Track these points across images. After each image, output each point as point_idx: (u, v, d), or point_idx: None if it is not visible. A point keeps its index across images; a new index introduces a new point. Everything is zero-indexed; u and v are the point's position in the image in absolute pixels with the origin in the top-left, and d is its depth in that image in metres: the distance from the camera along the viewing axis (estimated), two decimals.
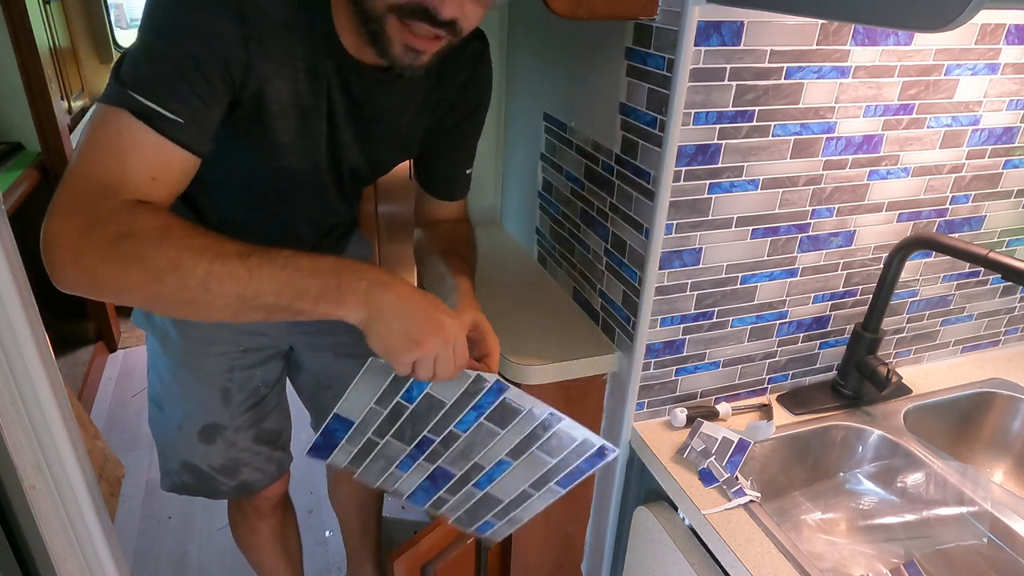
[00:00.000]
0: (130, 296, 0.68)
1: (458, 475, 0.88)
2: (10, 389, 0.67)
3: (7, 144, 2.34)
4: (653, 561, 1.06)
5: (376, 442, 0.84)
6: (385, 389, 0.79)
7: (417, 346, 0.70)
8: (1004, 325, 1.35)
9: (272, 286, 0.67)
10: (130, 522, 1.97)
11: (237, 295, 0.66)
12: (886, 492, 1.13)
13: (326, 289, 0.68)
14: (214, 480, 1.19)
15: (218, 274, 0.65)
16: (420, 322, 0.70)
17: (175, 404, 1.14)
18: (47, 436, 0.70)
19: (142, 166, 0.69)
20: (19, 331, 0.66)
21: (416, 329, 0.70)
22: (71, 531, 0.75)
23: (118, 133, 0.68)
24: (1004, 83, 1.06)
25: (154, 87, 0.68)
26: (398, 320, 0.69)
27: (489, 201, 1.67)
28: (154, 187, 0.70)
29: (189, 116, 0.70)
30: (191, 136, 0.71)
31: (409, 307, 0.70)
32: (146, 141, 0.69)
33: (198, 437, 1.14)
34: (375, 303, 0.69)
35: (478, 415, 0.81)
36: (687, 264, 1.02)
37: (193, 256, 0.65)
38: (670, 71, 0.90)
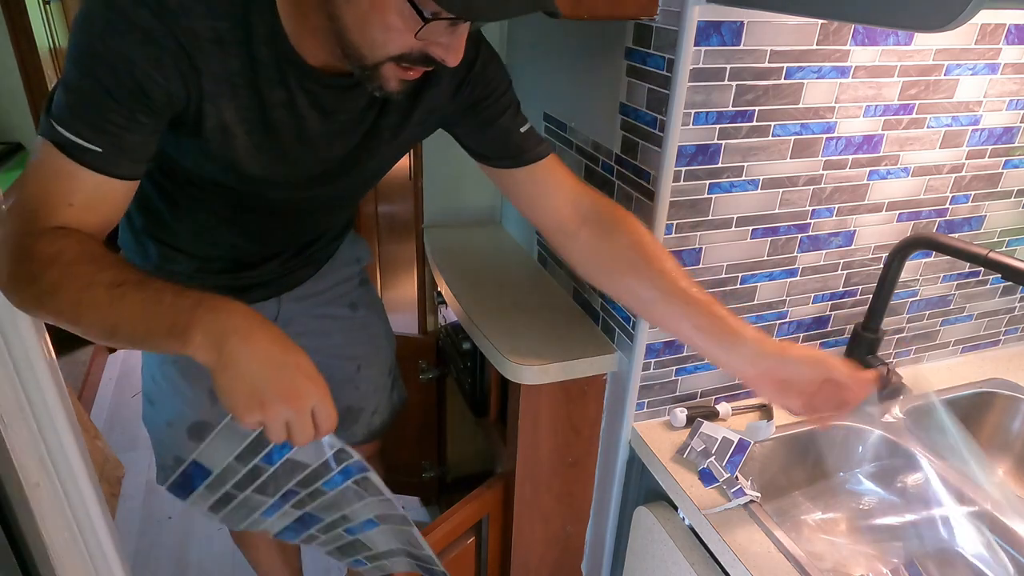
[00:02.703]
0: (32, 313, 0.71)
1: (327, 520, 0.85)
2: (14, 388, 0.67)
3: (7, 144, 2.34)
4: (653, 561, 1.06)
5: (235, 495, 0.80)
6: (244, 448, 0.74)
7: (261, 408, 0.64)
8: (1004, 325, 1.35)
9: (127, 319, 0.66)
10: (130, 522, 1.97)
11: (101, 325, 0.67)
12: (886, 492, 1.13)
13: (174, 326, 0.64)
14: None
15: (85, 303, 0.66)
16: (270, 384, 0.64)
17: (165, 401, 1.14)
18: (51, 434, 0.70)
19: (60, 194, 0.70)
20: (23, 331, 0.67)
21: (263, 390, 0.64)
22: (75, 528, 0.75)
23: (41, 164, 0.71)
24: (1004, 83, 1.06)
25: (70, 118, 0.70)
26: (246, 377, 0.64)
27: (489, 201, 1.67)
28: (74, 212, 0.71)
29: (107, 143, 0.71)
30: (111, 163, 0.71)
31: (263, 365, 0.64)
32: (65, 170, 0.70)
33: (187, 435, 1.13)
34: (226, 352, 0.64)
35: (345, 479, 0.78)
36: (687, 264, 1.02)
37: (69, 283, 0.66)
38: (670, 71, 0.90)
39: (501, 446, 1.30)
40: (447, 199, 1.63)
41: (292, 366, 0.67)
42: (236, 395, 0.64)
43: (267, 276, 1.10)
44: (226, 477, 0.77)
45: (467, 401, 1.47)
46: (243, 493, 0.80)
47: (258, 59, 0.77)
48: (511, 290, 1.35)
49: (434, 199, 1.61)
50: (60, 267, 0.67)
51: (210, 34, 0.74)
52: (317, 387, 0.67)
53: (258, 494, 0.80)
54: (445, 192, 1.62)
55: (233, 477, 0.77)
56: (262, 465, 0.76)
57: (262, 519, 0.85)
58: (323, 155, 0.89)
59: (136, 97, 0.72)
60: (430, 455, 1.86)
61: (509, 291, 1.35)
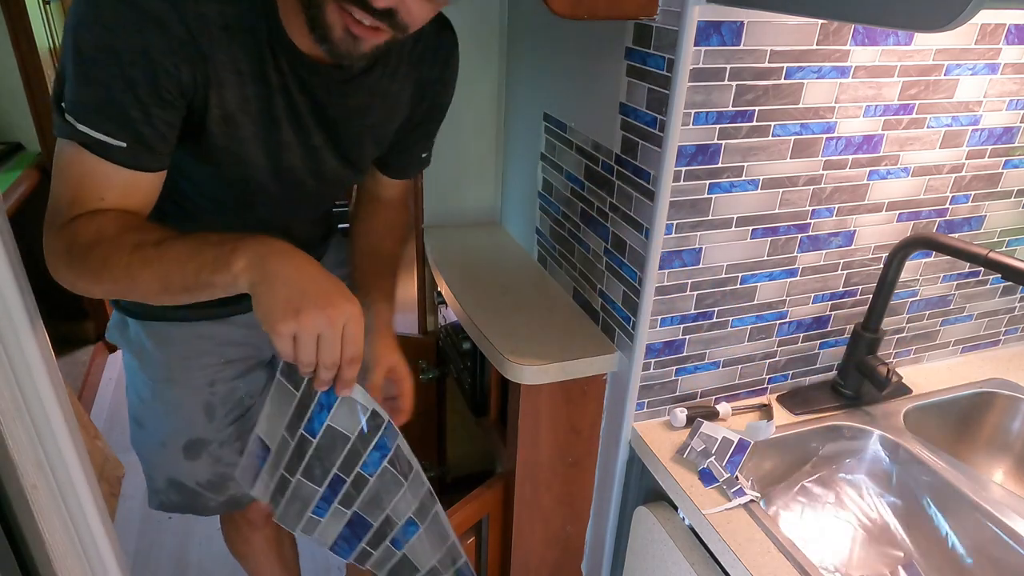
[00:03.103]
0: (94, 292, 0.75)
1: (375, 525, 0.88)
2: (11, 388, 0.67)
3: (7, 144, 2.34)
4: (653, 561, 1.06)
5: (289, 480, 0.85)
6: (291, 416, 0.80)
7: (296, 315, 0.65)
8: (1004, 325, 1.35)
9: (178, 264, 0.69)
10: (130, 522, 1.97)
11: (154, 280, 0.70)
12: (886, 492, 1.13)
13: (219, 255, 0.67)
14: (201, 496, 1.15)
15: (136, 264, 0.70)
16: (307, 292, 0.66)
17: (157, 421, 1.10)
18: (48, 435, 0.70)
19: (92, 190, 0.73)
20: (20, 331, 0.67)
21: (299, 298, 0.65)
22: (72, 529, 0.75)
23: (69, 164, 0.72)
24: (1004, 83, 1.06)
25: (91, 114, 0.70)
26: (284, 288, 0.66)
27: (489, 201, 1.67)
28: (107, 207, 0.73)
29: (131, 138, 0.72)
30: (135, 157, 0.73)
31: (301, 278, 0.67)
32: (93, 168, 0.72)
33: (183, 454, 1.10)
34: (267, 269, 0.66)
35: (382, 456, 0.81)
36: (687, 264, 1.02)
37: (116, 251, 0.70)
38: (670, 71, 0.90)
39: (501, 446, 1.30)
40: (447, 199, 1.63)
41: (330, 281, 0.69)
42: (275, 305, 0.65)
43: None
44: (281, 454, 0.82)
45: (467, 401, 1.47)
46: (295, 478, 0.84)
47: (262, 46, 0.78)
48: (511, 290, 1.35)
49: (434, 199, 1.61)
50: (106, 242, 0.71)
51: (219, 20, 0.74)
52: (352, 305, 0.69)
53: (307, 480, 0.84)
54: (445, 192, 1.62)
55: (285, 453, 0.82)
56: (307, 437, 0.81)
57: (316, 518, 0.88)
58: (312, 143, 0.89)
59: (154, 89, 0.72)
60: (430, 455, 1.86)
61: (509, 291, 1.35)
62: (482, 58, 1.52)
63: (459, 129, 1.57)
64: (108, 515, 0.81)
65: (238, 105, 0.79)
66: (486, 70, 1.53)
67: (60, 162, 0.73)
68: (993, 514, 0.98)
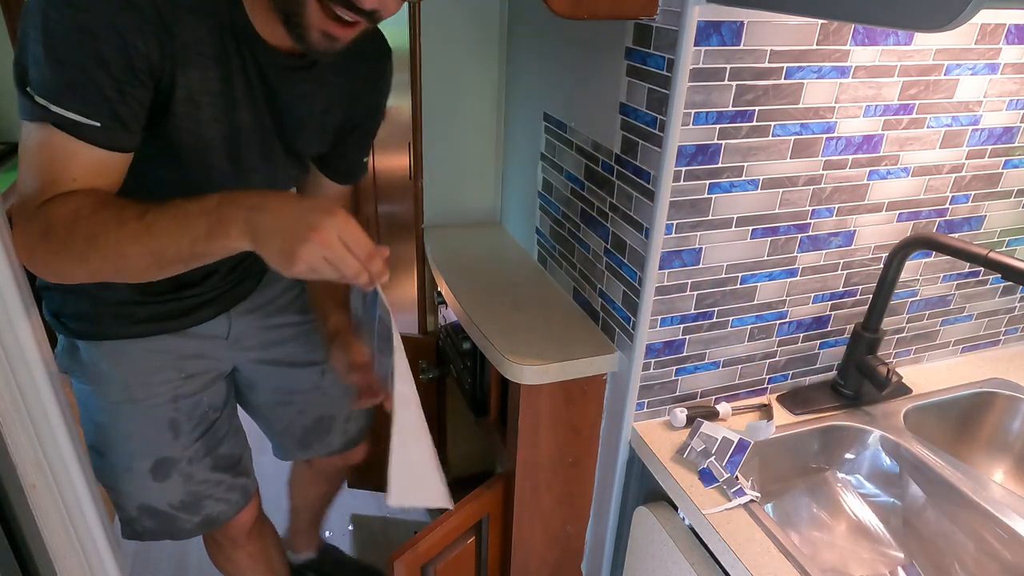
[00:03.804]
0: (81, 276, 0.74)
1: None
2: (10, 388, 0.67)
3: (7, 144, 2.34)
4: (653, 561, 1.06)
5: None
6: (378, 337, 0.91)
7: (294, 258, 0.68)
8: (1004, 325, 1.35)
9: (168, 237, 0.70)
10: None
11: (147, 252, 0.70)
12: (886, 492, 1.13)
13: (212, 226, 0.69)
14: (176, 520, 1.11)
15: (125, 239, 0.69)
16: (292, 231, 0.68)
17: (119, 445, 1.05)
18: (47, 435, 0.70)
19: (64, 172, 0.72)
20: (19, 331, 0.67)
21: (290, 240, 0.67)
22: (71, 529, 0.75)
23: (40, 146, 0.71)
24: (1004, 83, 1.06)
25: (65, 94, 0.69)
26: (274, 239, 0.68)
27: (489, 201, 1.67)
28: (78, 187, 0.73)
29: (106, 116, 0.72)
30: (108, 136, 0.73)
31: (281, 222, 0.68)
32: (65, 149, 0.71)
33: (151, 476, 1.06)
34: (254, 227, 0.68)
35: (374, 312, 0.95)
36: (687, 264, 1.02)
37: (101, 230, 0.70)
38: (670, 71, 0.90)
39: (501, 446, 1.30)
40: (447, 199, 1.63)
41: (305, 210, 0.69)
42: (275, 258, 0.68)
43: (211, 293, 1.07)
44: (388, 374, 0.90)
45: (467, 401, 1.47)
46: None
47: (224, 30, 0.80)
48: (511, 290, 1.35)
49: (434, 199, 1.61)
50: (85, 221, 0.70)
51: (185, 3, 0.75)
52: (333, 216, 0.69)
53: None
54: (445, 192, 1.62)
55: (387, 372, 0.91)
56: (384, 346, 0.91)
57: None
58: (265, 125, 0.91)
59: (125, 66, 0.72)
60: None
61: (509, 291, 1.35)
62: (482, 58, 1.52)
63: (459, 129, 1.57)
64: (107, 515, 0.81)
65: (201, 86, 0.80)
66: (486, 70, 1.53)
67: (29, 145, 0.72)
68: (993, 514, 0.98)
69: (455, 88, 1.53)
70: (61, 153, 0.71)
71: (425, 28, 1.45)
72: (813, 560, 0.89)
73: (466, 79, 1.53)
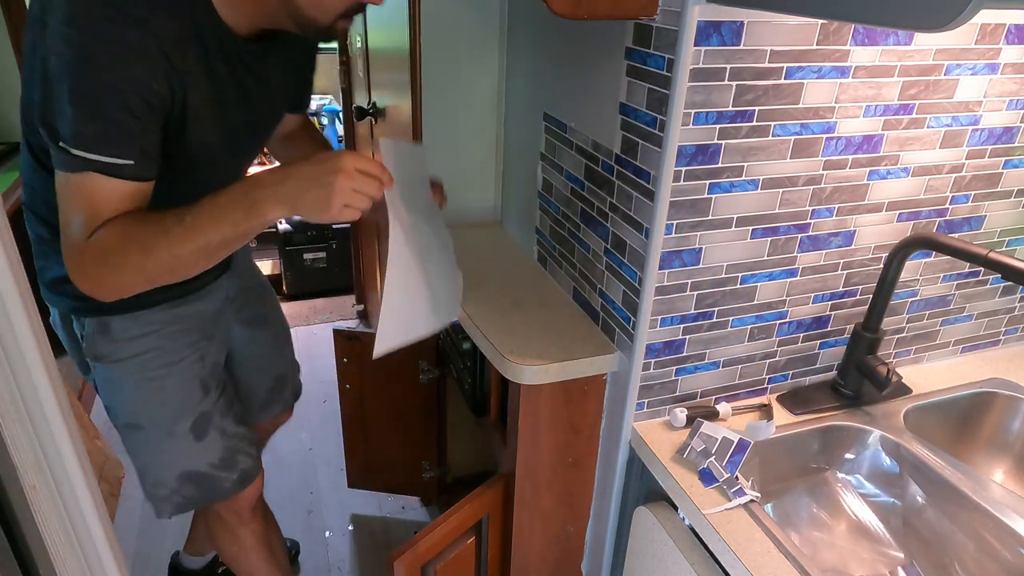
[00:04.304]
0: (140, 286, 0.86)
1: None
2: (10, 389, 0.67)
3: (7, 144, 2.34)
4: (653, 561, 1.06)
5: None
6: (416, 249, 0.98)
7: (329, 208, 0.81)
8: (1004, 325, 1.35)
9: (212, 230, 0.82)
10: (130, 522, 1.97)
11: (196, 248, 0.83)
12: (886, 492, 1.13)
13: (247, 210, 0.82)
14: (216, 479, 1.20)
15: (175, 242, 0.82)
16: (320, 186, 0.81)
17: (159, 412, 1.13)
18: (47, 436, 0.70)
19: (108, 205, 0.83)
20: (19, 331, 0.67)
21: (321, 192, 0.81)
22: (71, 530, 0.75)
23: (81, 188, 0.81)
24: (1004, 83, 1.06)
25: (101, 143, 0.80)
26: (306, 197, 0.81)
27: (489, 201, 1.67)
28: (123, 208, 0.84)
29: (135, 154, 0.82)
30: (141, 169, 0.83)
31: (306, 182, 0.81)
32: (106, 188, 0.82)
33: (193, 436, 1.15)
34: (284, 197, 0.82)
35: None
36: (687, 264, 1.02)
37: (152, 241, 0.82)
38: (670, 71, 0.90)
39: (501, 446, 1.30)
40: (447, 200, 1.63)
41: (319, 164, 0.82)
42: (315, 210, 0.82)
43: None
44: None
45: (467, 401, 1.47)
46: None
47: (206, 43, 0.88)
48: (511, 290, 1.35)
49: None
50: (135, 237, 0.82)
51: (175, 33, 0.83)
52: (342, 157, 0.82)
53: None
54: (445, 192, 1.61)
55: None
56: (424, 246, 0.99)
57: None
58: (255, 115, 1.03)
59: (146, 108, 0.82)
60: (430, 455, 1.86)
61: (509, 291, 1.35)
62: (482, 58, 1.52)
63: (459, 129, 1.57)
64: (107, 516, 0.81)
65: (199, 101, 0.90)
66: (486, 70, 1.53)
67: (72, 190, 0.82)
68: (993, 514, 0.98)
69: (455, 88, 1.53)
70: (101, 192, 0.82)
71: (425, 28, 1.45)
72: (813, 560, 0.89)
73: (466, 79, 1.53)
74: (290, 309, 3.15)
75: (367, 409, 1.79)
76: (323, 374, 2.63)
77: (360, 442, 1.86)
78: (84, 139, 0.79)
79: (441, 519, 1.24)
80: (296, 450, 2.30)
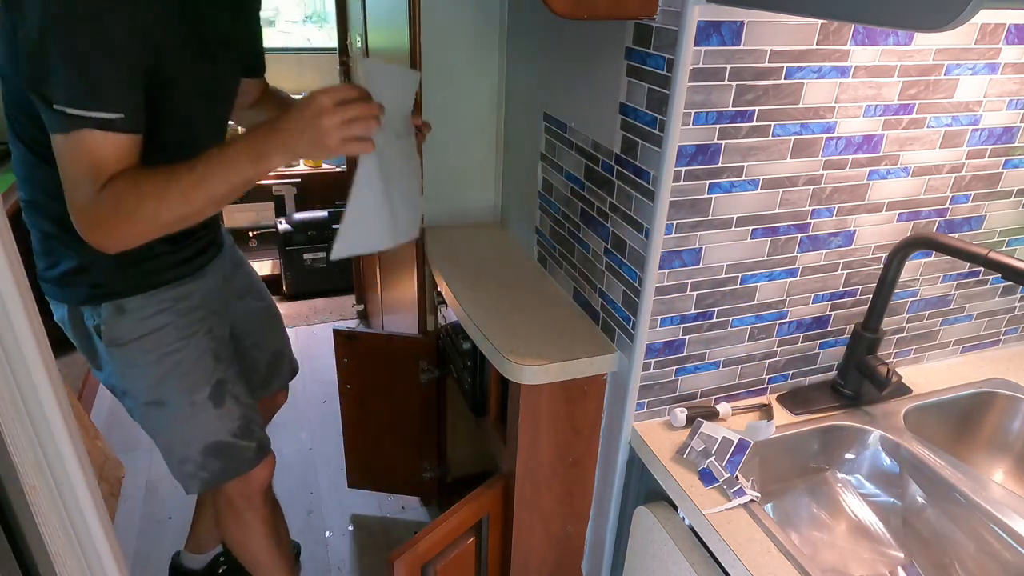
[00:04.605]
0: (153, 233, 0.94)
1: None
2: (10, 389, 0.67)
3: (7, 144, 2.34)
4: (653, 561, 1.06)
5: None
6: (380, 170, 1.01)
7: (326, 147, 0.88)
8: (1004, 325, 1.35)
9: (221, 177, 0.91)
10: (130, 522, 1.97)
11: (206, 195, 0.91)
12: (886, 492, 1.13)
13: (252, 158, 0.90)
14: (238, 448, 1.26)
15: (188, 189, 0.90)
16: (309, 127, 0.87)
17: (179, 384, 1.18)
18: (47, 436, 0.70)
19: (110, 161, 0.89)
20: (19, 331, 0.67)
21: (313, 140, 0.88)
22: (71, 531, 0.75)
23: (80, 146, 0.87)
24: (1004, 83, 1.06)
25: (90, 99, 0.85)
26: (301, 139, 0.88)
27: (489, 201, 1.67)
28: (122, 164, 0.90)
29: (125, 107, 0.88)
30: (130, 122, 0.90)
31: (297, 127, 0.88)
32: (102, 143, 0.88)
33: (212, 403, 1.21)
34: (282, 144, 0.89)
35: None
36: (687, 264, 1.02)
37: (165, 190, 0.90)
38: (670, 71, 0.90)
39: (501, 446, 1.30)
40: (447, 199, 1.63)
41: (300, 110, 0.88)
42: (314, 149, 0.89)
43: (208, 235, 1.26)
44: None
45: (467, 401, 1.47)
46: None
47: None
48: (511, 290, 1.35)
49: (434, 199, 1.61)
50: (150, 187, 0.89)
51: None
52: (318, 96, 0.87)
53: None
54: (445, 192, 1.62)
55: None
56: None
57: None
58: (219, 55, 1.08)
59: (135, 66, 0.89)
60: (430, 455, 1.86)
61: (509, 291, 1.35)
62: (482, 58, 1.52)
63: (459, 129, 1.57)
64: (107, 516, 0.81)
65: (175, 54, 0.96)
66: (486, 70, 1.53)
67: (72, 150, 0.87)
68: (993, 514, 0.98)
69: (455, 88, 1.53)
70: (99, 148, 0.88)
71: (425, 28, 1.45)
72: (813, 560, 0.89)
73: (466, 79, 1.53)
74: (290, 309, 3.15)
75: (367, 409, 1.79)
76: (323, 374, 2.64)
77: (360, 442, 1.86)
78: (76, 97, 0.84)
79: (441, 519, 1.24)
80: (296, 450, 2.30)
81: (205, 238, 1.25)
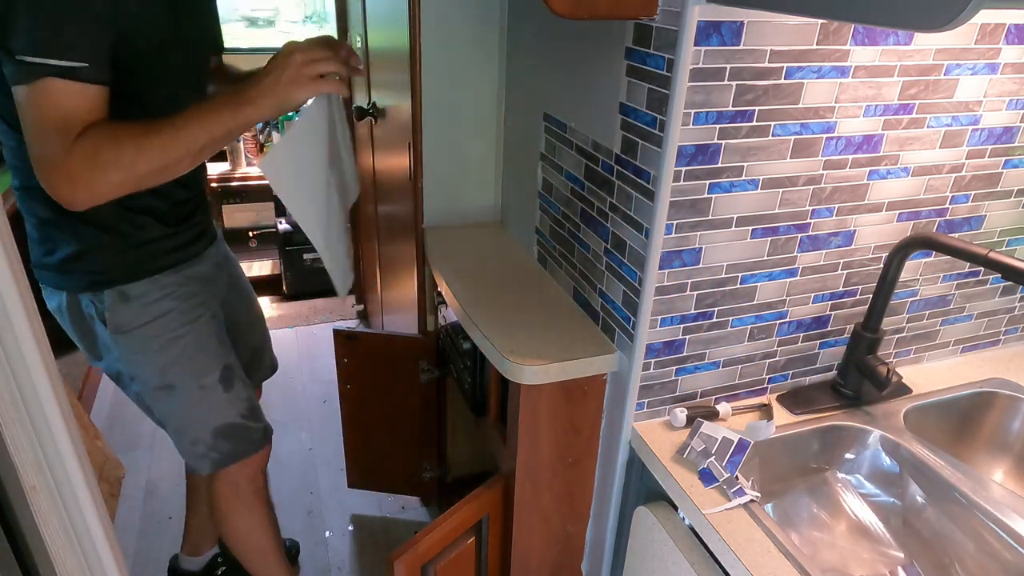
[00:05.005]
0: (127, 186, 0.92)
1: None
2: (10, 389, 0.67)
3: None
4: (653, 561, 1.06)
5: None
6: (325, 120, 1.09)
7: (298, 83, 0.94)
8: (1004, 325, 1.35)
9: (200, 131, 0.93)
10: (130, 522, 1.97)
11: (185, 148, 0.93)
12: (886, 492, 1.13)
13: (233, 110, 0.94)
14: (247, 430, 1.28)
15: (168, 142, 0.91)
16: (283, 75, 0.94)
17: (189, 367, 1.20)
18: (47, 436, 0.70)
19: (79, 113, 0.88)
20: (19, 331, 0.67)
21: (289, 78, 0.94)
22: (71, 531, 0.75)
23: (45, 97, 0.85)
24: (1004, 83, 1.06)
25: (53, 46, 0.84)
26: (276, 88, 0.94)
27: (489, 201, 1.67)
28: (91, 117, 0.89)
29: (89, 55, 0.87)
30: (95, 72, 0.88)
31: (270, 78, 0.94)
32: (67, 92, 0.86)
33: (222, 387, 1.23)
34: (261, 95, 0.94)
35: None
36: (687, 264, 1.02)
37: (145, 141, 0.90)
38: (670, 71, 0.90)
39: (501, 446, 1.30)
40: (447, 199, 1.63)
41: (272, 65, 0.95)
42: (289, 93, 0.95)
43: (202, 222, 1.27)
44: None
45: (467, 401, 1.47)
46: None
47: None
48: (511, 290, 1.35)
49: (434, 199, 1.61)
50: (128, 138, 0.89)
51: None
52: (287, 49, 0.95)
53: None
54: (445, 192, 1.62)
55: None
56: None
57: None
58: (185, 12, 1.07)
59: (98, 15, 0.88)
60: (430, 455, 1.86)
61: (509, 291, 1.35)
62: (482, 58, 1.52)
63: (459, 129, 1.57)
64: (107, 516, 0.81)
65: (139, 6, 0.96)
66: (486, 70, 1.53)
67: (36, 102, 0.85)
68: (993, 514, 0.98)
69: (455, 88, 1.53)
70: (65, 98, 0.86)
71: (425, 28, 1.45)
72: (813, 560, 0.89)
73: (466, 79, 1.53)
74: (290, 309, 3.15)
75: (367, 409, 1.79)
76: (323, 374, 2.64)
77: (360, 442, 1.86)
78: (40, 44, 0.83)
79: (441, 519, 1.24)
80: (296, 450, 2.30)
81: (202, 223, 1.26)
